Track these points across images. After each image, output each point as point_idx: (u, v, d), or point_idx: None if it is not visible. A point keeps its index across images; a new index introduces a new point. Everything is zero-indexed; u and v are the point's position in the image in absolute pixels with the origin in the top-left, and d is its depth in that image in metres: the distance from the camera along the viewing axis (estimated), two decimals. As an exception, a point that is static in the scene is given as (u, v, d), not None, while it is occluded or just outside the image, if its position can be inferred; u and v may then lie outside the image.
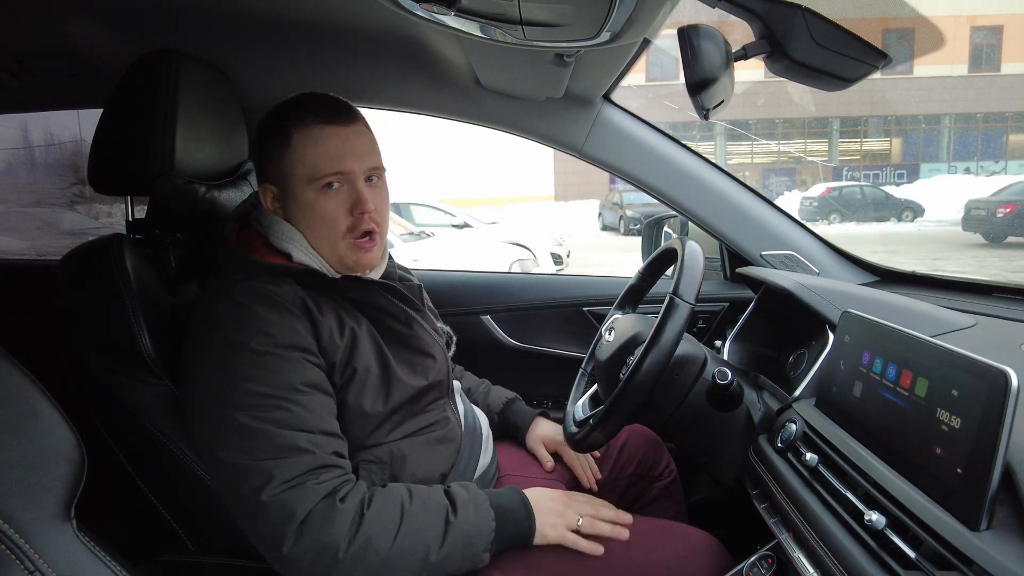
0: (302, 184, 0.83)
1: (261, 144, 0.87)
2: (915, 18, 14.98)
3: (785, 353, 1.14)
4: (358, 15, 1.17)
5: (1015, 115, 17.38)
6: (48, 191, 4.16)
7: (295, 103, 0.85)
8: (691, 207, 1.36)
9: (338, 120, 0.83)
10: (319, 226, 0.84)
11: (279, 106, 0.86)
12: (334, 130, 0.82)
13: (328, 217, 0.83)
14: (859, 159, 18.33)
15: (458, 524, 0.78)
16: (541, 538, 0.84)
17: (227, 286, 0.80)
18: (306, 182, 0.82)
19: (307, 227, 0.85)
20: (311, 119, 0.82)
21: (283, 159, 0.83)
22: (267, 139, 0.85)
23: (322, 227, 0.84)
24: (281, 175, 0.84)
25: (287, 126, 0.83)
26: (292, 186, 0.83)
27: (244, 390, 0.74)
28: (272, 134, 0.85)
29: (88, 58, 1.19)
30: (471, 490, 0.84)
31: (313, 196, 0.82)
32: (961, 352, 0.58)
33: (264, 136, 0.86)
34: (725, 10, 0.71)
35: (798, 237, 1.37)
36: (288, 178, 0.83)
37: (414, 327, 0.93)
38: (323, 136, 0.82)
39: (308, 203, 0.83)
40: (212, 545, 0.92)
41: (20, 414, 0.53)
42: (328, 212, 0.83)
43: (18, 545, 0.49)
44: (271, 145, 0.85)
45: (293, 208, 0.85)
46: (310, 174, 0.82)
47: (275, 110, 0.86)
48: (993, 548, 0.49)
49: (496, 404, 1.16)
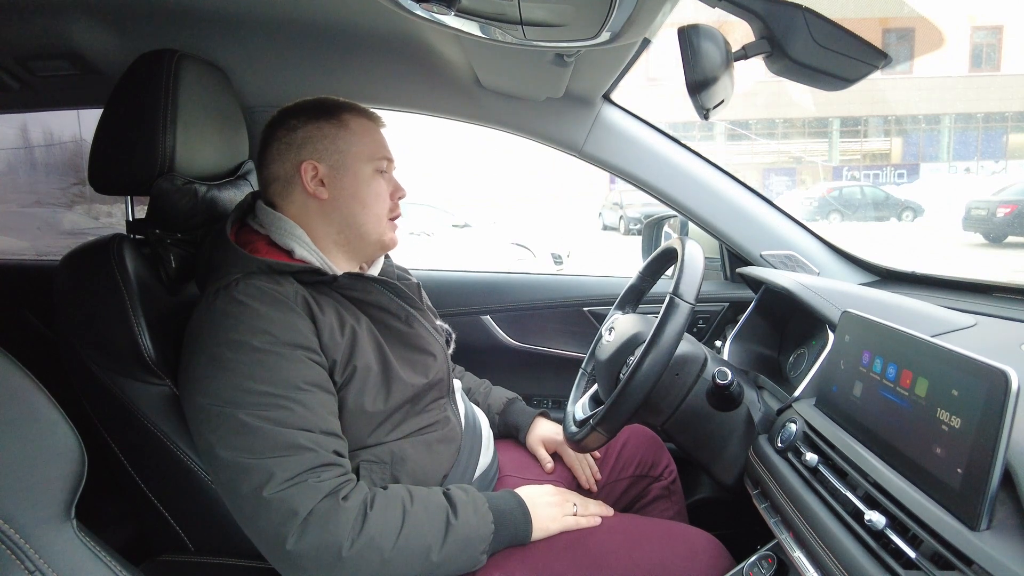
0: (361, 160, 0.91)
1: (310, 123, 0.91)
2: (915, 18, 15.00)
3: (785, 353, 1.14)
4: (358, 15, 1.17)
5: (1015, 115, 17.38)
6: (48, 191, 4.17)
7: (337, 100, 0.94)
8: (691, 207, 1.36)
9: (380, 123, 0.97)
10: (373, 202, 0.92)
11: (319, 99, 0.94)
12: (377, 127, 0.96)
13: (382, 195, 0.94)
14: (859, 159, 18.33)
15: (459, 526, 0.79)
16: (544, 532, 0.87)
17: (228, 284, 0.80)
18: (365, 159, 0.92)
19: (360, 202, 0.91)
20: (362, 114, 0.94)
21: (340, 139, 0.91)
22: (315, 118, 0.91)
23: (375, 203, 0.93)
24: (336, 152, 0.90)
25: (340, 112, 0.92)
26: (349, 161, 0.91)
27: (245, 388, 0.74)
28: (324, 116, 0.91)
29: (88, 58, 1.19)
30: (470, 492, 0.85)
31: (370, 173, 0.92)
32: (961, 352, 0.58)
33: (314, 117, 0.91)
34: (725, 10, 0.71)
35: (798, 237, 1.37)
36: (343, 153, 0.91)
37: (414, 325, 0.93)
38: (373, 128, 0.95)
39: (366, 178, 0.92)
40: (212, 545, 0.92)
41: (20, 414, 0.53)
42: (381, 190, 0.94)
43: (18, 545, 0.49)
44: (322, 123, 0.91)
45: (348, 183, 0.91)
46: (372, 152, 0.92)
47: (316, 100, 0.94)
48: (993, 548, 0.49)
49: (497, 404, 1.16)
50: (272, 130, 0.92)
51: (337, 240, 0.92)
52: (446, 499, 0.82)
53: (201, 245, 0.98)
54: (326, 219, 0.91)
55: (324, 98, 0.94)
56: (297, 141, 0.90)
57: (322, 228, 0.91)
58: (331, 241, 0.92)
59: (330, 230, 0.91)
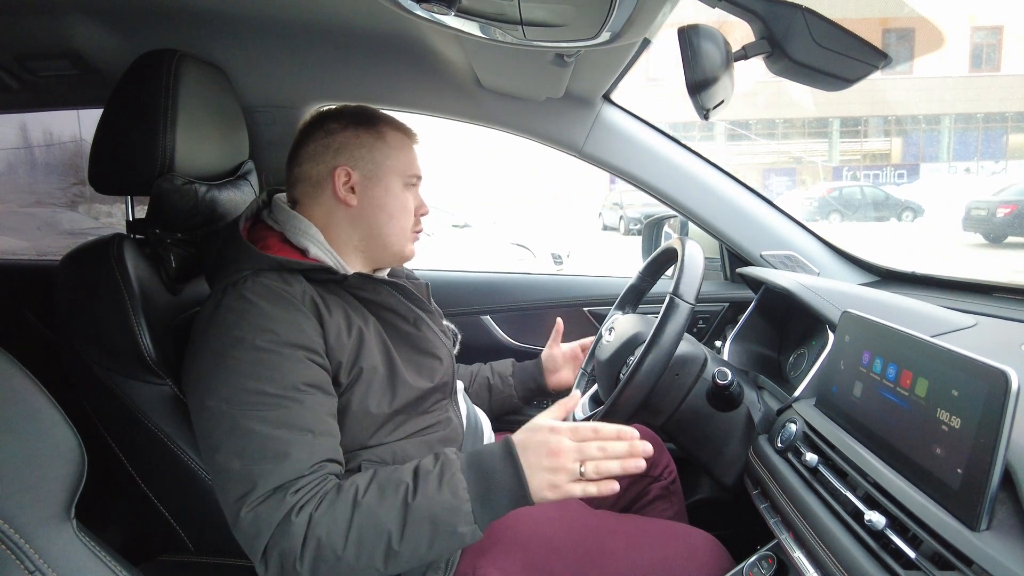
0: (395, 173, 0.93)
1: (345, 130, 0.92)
2: (915, 18, 14.99)
3: (785, 353, 1.14)
4: (358, 15, 1.17)
5: (1015, 115, 17.38)
6: (48, 191, 4.17)
7: (377, 112, 0.96)
8: (691, 207, 1.36)
9: (415, 139, 0.99)
10: (399, 214, 0.94)
11: (360, 107, 0.96)
12: (413, 145, 0.98)
13: (408, 209, 0.96)
14: (859, 159, 18.33)
15: (416, 505, 0.70)
16: (544, 501, 0.73)
17: (236, 281, 0.80)
18: (398, 174, 0.94)
19: (387, 213, 0.93)
20: (399, 129, 0.96)
21: (377, 150, 0.92)
22: (354, 125, 0.92)
23: (401, 216, 0.94)
24: (372, 163, 0.92)
25: (380, 124, 0.94)
26: (383, 174, 0.92)
27: (245, 388, 0.74)
28: (363, 125, 0.93)
29: (88, 58, 1.19)
30: (441, 459, 0.75)
31: (401, 187, 0.94)
32: (961, 352, 0.58)
33: (352, 124, 0.93)
34: (725, 10, 0.71)
35: (798, 237, 1.37)
36: (378, 165, 0.92)
37: (422, 328, 0.93)
38: (409, 144, 0.97)
39: (396, 192, 0.94)
40: (212, 545, 0.92)
41: (21, 414, 0.53)
42: (409, 204, 0.96)
43: (18, 545, 0.49)
44: (364, 135, 0.92)
45: (377, 192, 0.92)
46: (404, 168, 0.94)
47: (357, 108, 0.95)
48: (993, 548, 0.49)
49: (504, 371, 1.22)
50: (309, 131, 0.93)
51: (359, 246, 0.93)
52: (412, 475, 0.73)
53: (203, 244, 0.98)
54: (351, 225, 0.92)
55: (364, 106, 0.96)
56: (334, 146, 0.91)
57: (345, 233, 0.92)
58: (352, 246, 0.92)
59: (353, 236, 0.92)
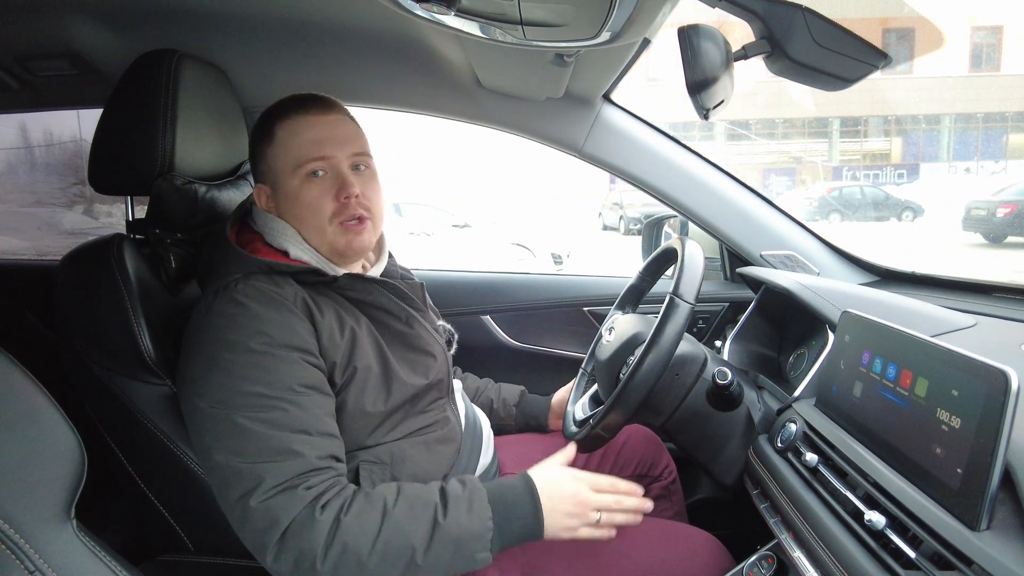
0: (286, 174, 0.85)
1: (252, 146, 0.91)
2: (915, 18, 14.99)
3: (785, 353, 1.14)
4: (358, 15, 1.17)
5: (1015, 115, 17.38)
6: (48, 191, 4.17)
7: (279, 103, 0.89)
8: (691, 207, 1.36)
9: (315, 109, 0.86)
10: (306, 215, 0.85)
11: (267, 109, 0.89)
12: (314, 119, 0.85)
13: (314, 203, 0.84)
14: (859, 159, 18.33)
15: (446, 526, 0.74)
16: (552, 536, 0.79)
17: (227, 285, 0.80)
18: (290, 171, 0.85)
19: (296, 218, 0.86)
20: (292, 112, 0.86)
21: (269, 155, 0.87)
22: (256, 140, 0.90)
23: (309, 215, 0.85)
24: (268, 171, 0.88)
25: (272, 124, 0.87)
26: (279, 179, 0.86)
27: (240, 390, 0.74)
28: (260, 135, 0.89)
29: (88, 58, 1.19)
30: (468, 485, 0.79)
31: (298, 184, 0.85)
32: (961, 352, 0.58)
33: (254, 139, 0.90)
34: (725, 10, 0.71)
35: (798, 237, 1.37)
36: (275, 172, 0.87)
37: (415, 326, 0.93)
38: (304, 125, 0.85)
39: (294, 192, 0.85)
40: (212, 545, 0.92)
41: (20, 414, 0.53)
42: (313, 198, 0.84)
43: (18, 545, 0.49)
44: (260, 144, 0.89)
45: (284, 202, 0.87)
46: (294, 162, 0.84)
47: (263, 113, 0.90)
48: (993, 548, 0.49)
49: (511, 397, 1.19)
50: None
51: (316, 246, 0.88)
52: (440, 495, 0.77)
53: (201, 245, 0.98)
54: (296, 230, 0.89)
55: (272, 106, 0.89)
56: (253, 162, 0.91)
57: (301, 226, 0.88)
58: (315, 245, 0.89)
59: None
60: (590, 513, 0.80)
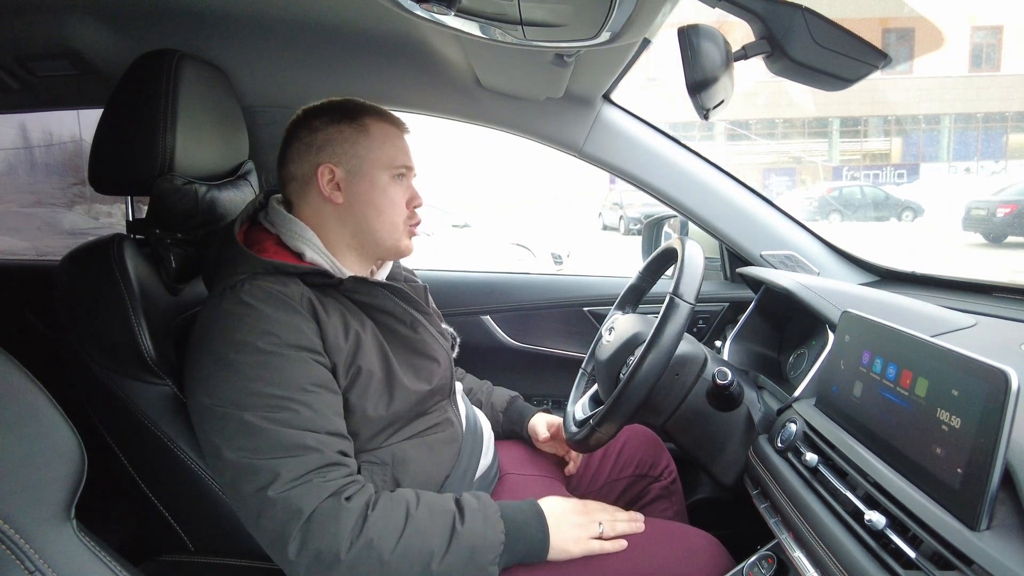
0: (379, 167, 0.91)
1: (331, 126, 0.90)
2: (915, 18, 15.00)
3: (785, 353, 1.14)
4: (358, 15, 1.17)
5: (1015, 115, 17.38)
6: (48, 191, 4.16)
7: (364, 105, 0.93)
8: (691, 207, 1.36)
9: (402, 127, 0.96)
10: (388, 208, 0.91)
11: (344, 101, 0.93)
12: (402, 133, 0.95)
13: (397, 202, 0.93)
14: (859, 159, 18.33)
15: (464, 533, 0.77)
16: (564, 554, 0.83)
17: (234, 285, 0.80)
18: (383, 166, 0.91)
19: (374, 207, 0.90)
20: (384, 119, 0.93)
21: (360, 144, 0.90)
22: (339, 123, 0.90)
23: (390, 209, 0.92)
24: (355, 157, 0.90)
25: (363, 118, 0.91)
26: (365, 167, 0.90)
27: (250, 390, 0.74)
28: (348, 121, 0.91)
29: (88, 58, 1.19)
30: (482, 500, 0.82)
31: (387, 180, 0.91)
32: (961, 352, 0.58)
33: (335, 120, 0.90)
34: (725, 10, 0.71)
35: (798, 237, 1.37)
36: (362, 159, 0.90)
37: (419, 331, 0.93)
38: (396, 134, 0.94)
39: (383, 185, 0.91)
40: (212, 545, 0.92)
41: (20, 414, 0.53)
42: (397, 197, 0.93)
43: (18, 545, 0.49)
44: (346, 130, 0.90)
45: (362, 188, 0.90)
46: (388, 160, 0.91)
47: (341, 102, 0.93)
48: (993, 548, 0.49)
49: (500, 402, 1.18)
50: (294, 130, 0.92)
51: (351, 243, 0.92)
52: (456, 505, 0.80)
53: (204, 244, 0.98)
54: (340, 223, 0.90)
55: (348, 100, 0.93)
56: (317, 143, 0.90)
57: (336, 231, 0.91)
58: (344, 244, 0.91)
59: (344, 233, 0.91)
60: (594, 524, 0.86)
